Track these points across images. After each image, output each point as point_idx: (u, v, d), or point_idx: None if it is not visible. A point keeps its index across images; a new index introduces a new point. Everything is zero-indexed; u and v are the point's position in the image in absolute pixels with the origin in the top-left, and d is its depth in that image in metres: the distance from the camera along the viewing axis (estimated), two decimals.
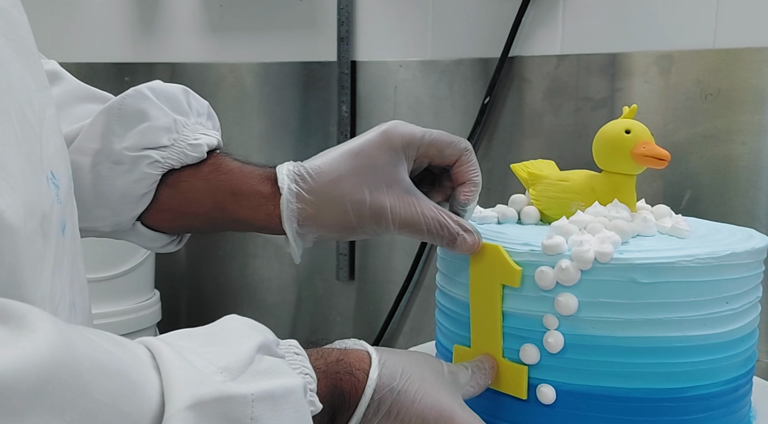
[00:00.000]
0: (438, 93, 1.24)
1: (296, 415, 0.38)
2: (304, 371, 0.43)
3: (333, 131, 1.34)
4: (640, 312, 0.53)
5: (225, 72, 1.44)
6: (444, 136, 0.59)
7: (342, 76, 1.31)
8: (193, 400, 0.33)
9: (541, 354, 0.56)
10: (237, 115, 1.44)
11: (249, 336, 0.39)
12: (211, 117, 0.69)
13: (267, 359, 0.39)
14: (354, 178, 0.57)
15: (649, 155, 0.61)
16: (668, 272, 0.53)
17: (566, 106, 1.12)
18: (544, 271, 0.54)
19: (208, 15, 1.45)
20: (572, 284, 0.54)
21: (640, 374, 0.54)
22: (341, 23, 1.29)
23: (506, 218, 0.68)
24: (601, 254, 0.53)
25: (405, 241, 1.29)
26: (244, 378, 0.36)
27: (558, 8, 1.12)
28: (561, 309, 0.54)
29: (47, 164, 0.43)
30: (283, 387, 0.37)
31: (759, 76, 0.97)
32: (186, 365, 0.34)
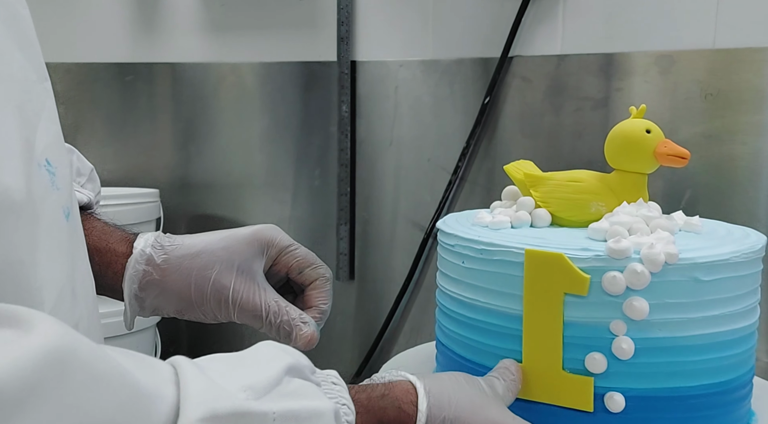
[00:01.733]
0: (438, 93, 1.24)
1: None
2: (340, 400, 0.43)
3: (333, 131, 1.34)
4: (701, 310, 0.54)
5: (225, 72, 1.44)
6: (309, 256, 0.62)
7: (342, 76, 1.31)
8: (207, 413, 0.32)
9: (608, 362, 0.54)
10: (237, 115, 1.44)
11: (279, 359, 0.39)
12: (92, 180, 0.68)
13: (296, 381, 0.38)
14: (208, 257, 0.58)
15: (672, 154, 0.61)
16: (723, 269, 0.54)
17: (566, 106, 1.12)
18: (616, 276, 0.53)
19: (209, 15, 1.45)
20: (644, 287, 0.53)
21: (697, 371, 0.55)
22: (341, 23, 1.30)
23: (521, 222, 0.65)
24: (669, 255, 0.53)
25: (405, 240, 1.29)
26: (269, 398, 0.36)
27: (558, 8, 1.12)
28: (633, 314, 0.53)
29: (41, 153, 0.44)
30: (310, 409, 0.37)
31: (759, 76, 0.97)
32: (206, 381, 0.34)
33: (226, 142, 1.46)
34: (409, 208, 1.29)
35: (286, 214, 1.41)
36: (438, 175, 1.24)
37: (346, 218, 1.33)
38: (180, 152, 1.51)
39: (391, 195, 1.31)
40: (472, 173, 1.21)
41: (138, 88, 1.53)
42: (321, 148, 1.36)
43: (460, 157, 1.21)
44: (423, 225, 1.27)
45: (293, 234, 1.53)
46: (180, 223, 1.52)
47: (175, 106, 1.50)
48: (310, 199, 1.38)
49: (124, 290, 0.58)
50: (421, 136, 1.26)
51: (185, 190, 1.51)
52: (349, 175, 1.32)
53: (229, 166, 1.46)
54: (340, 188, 1.33)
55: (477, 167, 1.21)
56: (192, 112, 1.49)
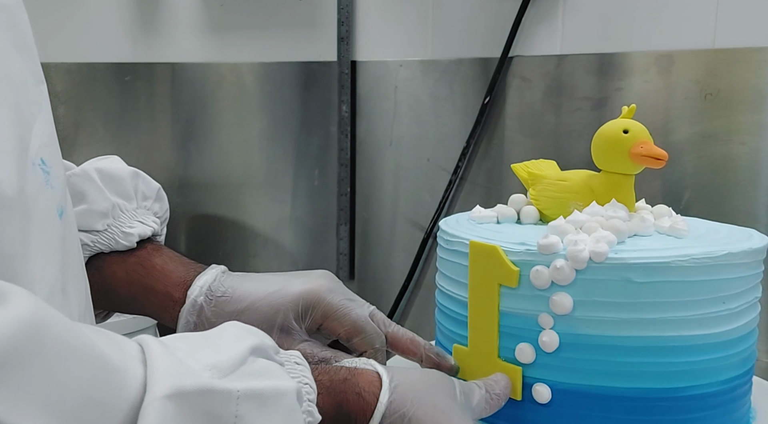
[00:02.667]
0: (438, 93, 1.24)
1: (286, 419, 0.37)
2: (303, 380, 0.43)
3: (333, 131, 1.34)
4: (636, 311, 0.53)
5: (225, 72, 1.44)
6: (358, 324, 0.59)
7: (342, 76, 1.31)
8: (173, 390, 0.32)
9: (536, 353, 0.56)
10: (237, 115, 1.44)
11: (244, 339, 0.39)
12: (159, 199, 0.68)
13: (261, 361, 0.39)
14: (252, 314, 0.58)
15: (647, 155, 0.60)
16: (663, 272, 0.53)
17: (566, 106, 1.12)
18: (540, 270, 0.55)
19: (208, 15, 1.45)
20: (567, 283, 0.54)
21: (636, 374, 0.54)
22: (341, 23, 1.30)
23: (505, 217, 0.68)
24: (595, 254, 0.53)
25: (405, 240, 1.29)
26: (234, 377, 0.36)
27: (558, 8, 1.12)
28: (556, 308, 0.54)
29: (36, 152, 0.44)
30: (274, 388, 0.37)
31: (758, 76, 0.97)
32: (172, 359, 0.34)
33: (226, 142, 1.46)
34: (409, 208, 1.29)
35: (286, 214, 1.41)
36: (438, 175, 1.25)
37: (346, 218, 1.34)
38: (180, 152, 1.51)
39: (390, 195, 1.31)
40: (471, 173, 1.21)
41: (138, 88, 1.53)
42: (321, 148, 1.36)
43: (460, 157, 1.21)
44: (423, 225, 1.27)
45: (293, 234, 1.53)
46: (180, 223, 1.52)
47: (174, 106, 1.50)
48: (309, 199, 1.38)
49: None
50: (421, 136, 1.27)
51: (185, 190, 1.51)
52: (349, 175, 1.32)
53: (229, 166, 1.46)
54: (340, 188, 1.33)
55: (477, 167, 1.21)
56: (192, 112, 1.49)
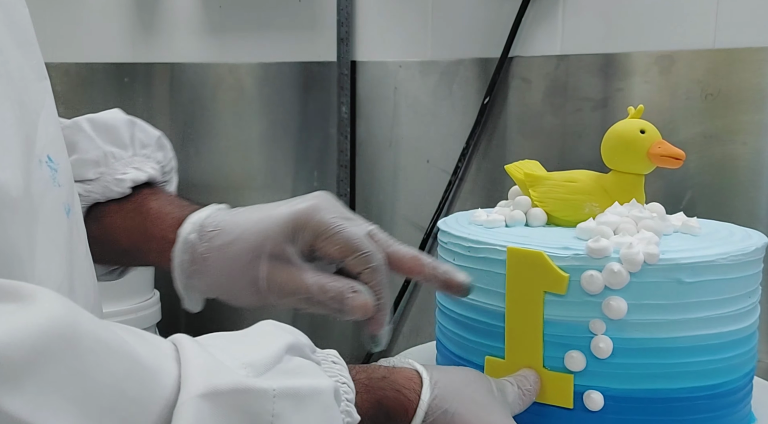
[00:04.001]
0: (438, 93, 1.24)
1: (324, 416, 0.36)
2: (340, 379, 0.42)
3: (333, 132, 1.34)
4: (684, 312, 0.54)
5: (224, 72, 1.44)
6: (352, 243, 0.52)
7: (342, 77, 1.30)
8: (208, 389, 0.32)
9: (587, 360, 0.54)
10: (236, 116, 1.44)
11: (279, 337, 0.39)
12: (161, 147, 0.66)
13: (296, 359, 0.38)
14: (241, 244, 0.54)
15: (666, 155, 0.61)
16: (709, 271, 0.54)
17: (566, 106, 1.12)
18: (594, 275, 0.53)
19: (208, 15, 1.45)
20: (622, 287, 0.53)
21: (681, 374, 0.54)
22: (341, 24, 1.29)
23: (515, 221, 0.65)
24: (649, 255, 0.53)
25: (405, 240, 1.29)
26: (270, 375, 0.35)
27: (558, 8, 1.12)
28: (611, 313, 0.53)
29: (42, 149, 0.44)
30: (311, 387, 0.36)
31: (759, 75, 0.97)
32: (207, 358, 0.34)
33: (225, 143, 1.46)
34: (408, 209, 1.29)
35: None
36: (437, 176, 1.24)
37: None
38: (179, 153, 1.50)
39: (390, 196, 1.31)
40: (471, 174, 1.21)
41: (136, 89, 1.53)
42: (320, 150, 1.36)
43: (460, 158, 1.20)
44: (422, 226, 1.26)
45: None
46: None
47: (173, 106, 1.50)
48: None
49: (176, 281, 0.57)
50: (421, 136, 1.26)
51: (184, 190, 1.50)
52: (349, 177, 1.32)
53: (228, 167, 1.46)
54: (340, 189, 1.33)
55: (476, 168, 1.21)
56: (191, 112, 1.49)
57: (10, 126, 0.40)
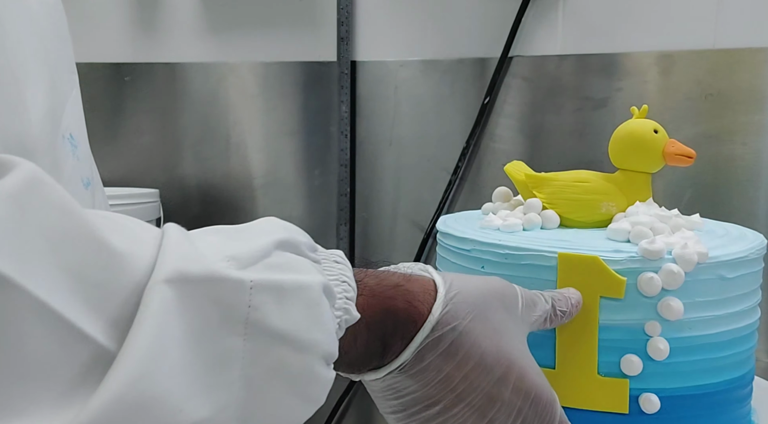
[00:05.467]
0: (438, 93, 1.24)
1: (309, 312, 0.35)
2: (341, 277, 0.40)
3: (333, 131, 1.34)
4: (727, 306, 0.55)
5: (225, 72, 1.44)
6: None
7: (342, 76, 1.31)
8: (175, 275, 0.31)
9: (644, 363, 0.54)
10: (237, 116, 1.44)
11: (273, 233, 0.37)
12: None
13: (288, 255, 0.37)
14: None
15: (680, 154, 0.62)
16: (744, 265, 0.56)
17: (566, 106, 1.12)
18: (653, 277, 0.53)
19: (208, 15, 1.45)
20: (676, 287, 0.53)
21: (724, 367, 0.56)
22: (341, 23, 1.29)
23: (532, 224, 0.63)
24: (701, 255, 0.53)
25: (405, 240, 1.29)
26: (254, 268, 0.34)
27: (558, 8, 1.12)
28: (669, 314, 0.53)
29: (66, 128, 0.49)
30: (295, 281, 0.35)
31: (759, 76, 0.97)
32: (188, 247, 0.33)
33: (226, 142, 1.46)
34: (409, 208, 1.29)
35: (286, 214, 1.41)
36: (438, 175, 1.24)
37: (346, 218, 1.33)
38: (179, 152, 1.51)
39: (391, 195, 1.31)
40: (472, 173, 1.21)
41: (138, 88, 1.53)
42: (321, 148, 1.36)
43: (460, 157, 1.20)
44: (423, 225, 1.27)
45: None
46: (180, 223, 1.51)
47: (174, 106, 1.50)
48: (309, 199, 1.38)
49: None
50: (421, 136, 1.26)
51: (185, 190, 1.51)
52: (349, 175, 1.32)
53: (228, 166, 1.46)
54: (340, 188, 1.33)
55: (477, 167, 1.21)
56: (192, 112, 1.49)
57: (41, 96, 0.45)
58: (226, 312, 0.32)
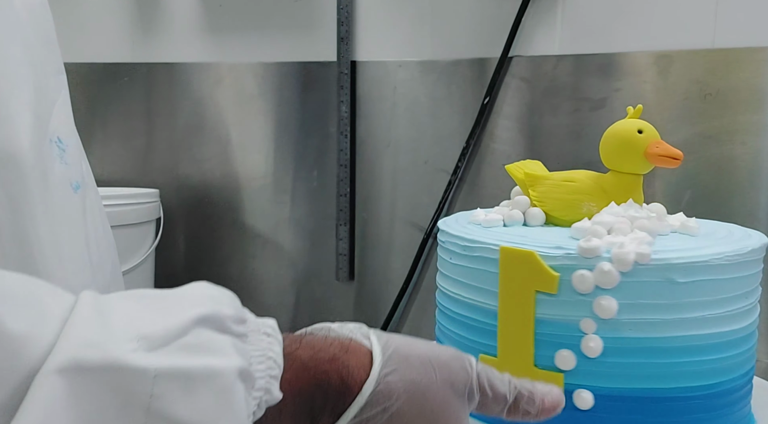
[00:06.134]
0: (437, 93, 1.24)
1: (219, 400, 0.33)
2: (267, 354, 0.38)
3: (332, 131, 1.34)
4: (678, 312, 0.54)
5: (224, 72, 1.44)
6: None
7: (341, 76, 1.31)
8: (69, 363, 0.29)
9: (577, 359, 0.55)
10: (236, 116, 1.44)
11: (196, 305, 0.35)
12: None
13: (207, 333, 0.35)
14: None
15: (664, 155, 0.61)
16: (703, 271, 0.53)
17: (565, 106, 1.12)
18: (584, 275, 0.53)
19: (208, 15, 1.45)
20: (612, 286, 0.53)
21: (675, 374, 0.54)
22: (341, 23, 1.29)
23: (513, 220, 0.66)
24: (640, 255, 0.53)
25: (404, 241, 1.29)
26: (164, 351, 0.32)
27: (557, 8, 1.12)
28: (601, 312, 0.53)
29: (54, 131, 0.50)
30: (207, 367, 0.33)
31: (758, 76, 0.97)
32: (94, 326, 0.31)
33: (225, 142, 1.46)
34: (408, 208, 1.29)
35: (285, 214, 1.41)
36: (437, 176, 1.24)
37: (346, 219, 1.33)
38: (179, 153, 1.51)
39: (390, 196, 1.31)
40: (471, 174, 1.21)
41: (137, 89, 1.53)
42: (320, 149, 1.36)
43: (459, 158, 1.20)
44: (422, 226, 1.27)
45: (292, 235, 1.53)
46: (179, 224, 1.52)
47: (173, 106, 1.50)
48: (309, 199, 1.38)
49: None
50: (420, 136, 1.26)
51: (184, 191, 1.51)
52: (349, 176, 1.32)
53: (228, 166, 1.46)
54: (340, 189, 1.33)
55: (476, 168, 1.21)
56: (191, 112, 1.49)
57: (26, 105, 0.47)
58: (125, 401, 0.31)
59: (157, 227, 1.44)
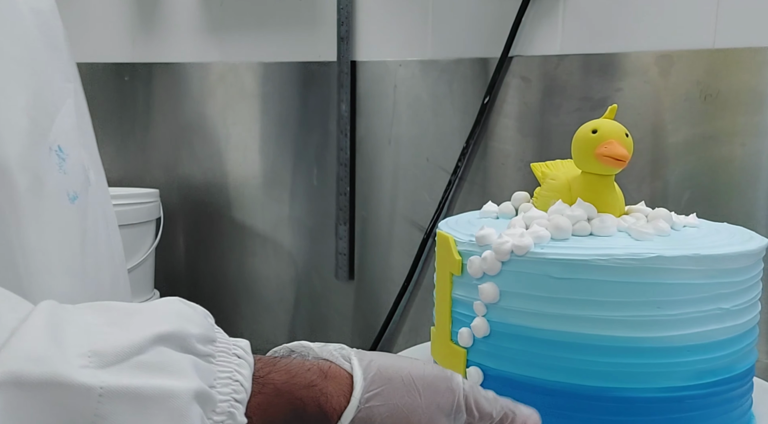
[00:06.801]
0: (437, 92, 1.24)
1: (171, 422, 0.32)
2: (233, 376, 0.37)
3: (333, 130, 1.34)
4: (556, 306, 0.55)
5: (224, 72, 1.44)
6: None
7: (342, 76, 1.31)
8: (9, 378, 0.28)
9: (473, 339, 0.60)
10: (236, 115, 1.44)
11: (161, 323, 0.34)
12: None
13: (166, 352, 0.33)
14: None
15: (608, 155, 0.60)
16: (582, 269, 0.53)
17: (566, 105, 1.12)
18: (473, 260, 0.59)
19: (208, 15, 1.45)
20: (494, 273, 0.57)
21: (563, 368, 0.55)
22: (341, 23, 1.29)
23: (504, 214, 0.71)
24: (517, 247, 0.56)
25: (404, 240, 1.29)
26: (115, 369, 0.31)
27: (558, 8, 1.12)
28: (483, 296, 0.58)
29: (55, 138, 0.48)
30: (159, 388, 0.32)
31: (758, 76, 0.97)
32: (43, 338, 0.30)
33: (225, 141, 1.46)
34: (408, 207, 1.29)
35: (285, 213, 1.41)
36: (437, 175, 1.24)
37: (345, 218, 1.33)
38: (179, 152, 1.51)
39: (390, 195, 1.31)
40: (471, 173, 1.21)
41: (137, 88, 1.53)
42: (320, 148, 1.36)
43: (460, 157, 1.20)
44: (422, 225, 1.27)
45: (292, 234, 1.53)
46: (179, 222, 1.52)
47: (174, 106, 1.50)
48: (309, 198, 1.38)
49: None
50: (421, 135, 1.26)
51: (184, 190, 1.51)
52: (349, 175, 1.32)
53: (228, 165, 1.46)
54: (340, 188, 1.33)
55: (476, 167, 1.21)
56: (191, 112, 1.49)
57: (19, 109, 0.45)
58: (69, 420, 0.30)
59: (157, 226, 1.44)
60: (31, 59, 0.48)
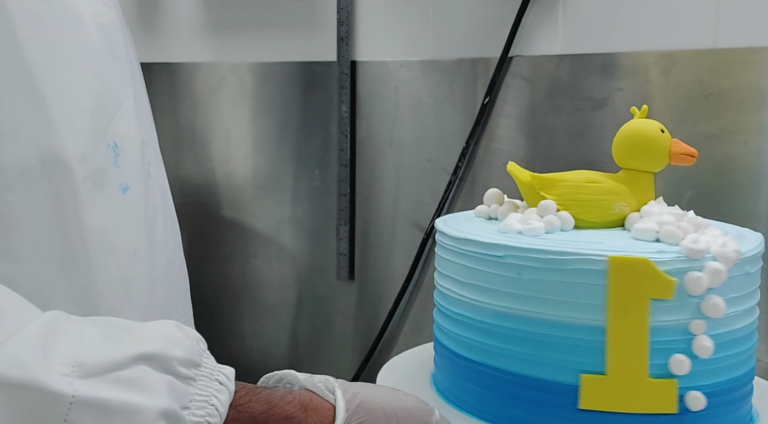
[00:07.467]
0: (438, 93, 1.24)
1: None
2: (209, 400, 0.38)
3: (333, 131, 1.34)
4: (750, 301, 0.59)
5: (225, 72, 1.44)
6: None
7: (342, 76, 1.30)
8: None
9: (691, 362, 0.55)
10: (237, 116, 1.44)
11: (148, 343, 0.36)
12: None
13: (146, 371, 0.35)
14: None
15: (684, 153, 0.64)
16: (757, 262, 0.59)
17: (566, 106, 1.12)
18: (699, 276, 0.54)
19: (208, 15, 1.45)
20: (721, 285, 0.55)
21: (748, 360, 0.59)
22: (341, 23, 1.29)
23: (553, 226, 0.63)
24: (737, 252, 0.55)
25: (405, 240, 1.29)
26: (95, 380, 0.33)
27: (558, 8, 1.12)
28: (713, 312, 0.54)
29: (112, 135, 0.56)
30: (127, 403, 0.34)
31: (760, 75, 0.97)
32: (33, 345, 0.32)
33: (226, 142, 1.46)
34: (409, 208, 1.29)
35: (286, 214, 1.41)
36: (438, 176, 1.24)
37: (346, 219, 1.33)
38: (179, 153, 1.51)
39: (391, 195, 1.31)
40: (471, 173, 1.21)
41: None
42: (321, 149, 1.36)
43: (460, 158, 1.20)
44: (423, 225, 1.26)
45: (293, 235, 1.53)
46: (180, 223, 1.51)
47: (174, 106, 1.50)
48: (309, 199, 1.38)
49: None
50: (422, 136, 1.26)
51: (185, 190, 1.51)
52: (349, 176, 1.32)
53: (228, 166, 1.46)
54: (340, 189, 1.33)
55: (477, 168, 1.21)
56: (191, 112, 1.49)
57: (84, 111, 0.53)
58: (41, 421, 0.32)
59: None
60: (95, 68, 0.55)
